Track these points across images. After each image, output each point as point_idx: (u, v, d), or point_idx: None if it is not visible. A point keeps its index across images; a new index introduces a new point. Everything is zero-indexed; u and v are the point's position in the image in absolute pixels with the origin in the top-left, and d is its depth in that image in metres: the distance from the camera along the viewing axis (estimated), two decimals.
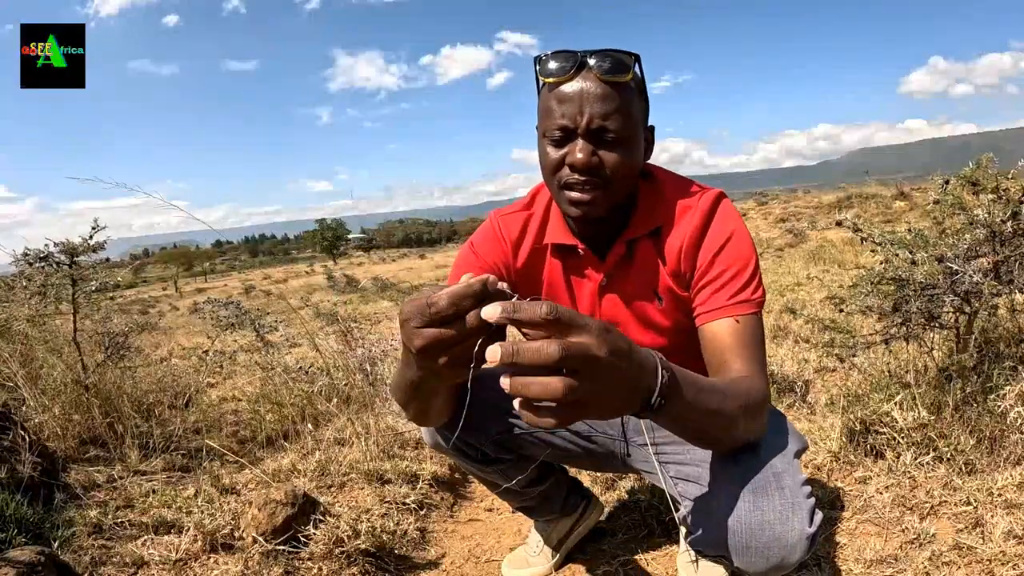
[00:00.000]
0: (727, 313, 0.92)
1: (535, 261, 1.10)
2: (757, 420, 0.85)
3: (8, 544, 1.21)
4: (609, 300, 1.06)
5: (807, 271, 5.48)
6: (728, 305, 0.93)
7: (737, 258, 0.96)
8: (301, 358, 3.09)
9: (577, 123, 0.90)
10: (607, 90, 0.90)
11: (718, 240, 0.97)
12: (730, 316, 0.92)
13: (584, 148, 0.90)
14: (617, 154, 0.92)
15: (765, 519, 0.81)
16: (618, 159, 0.92)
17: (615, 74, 0.89)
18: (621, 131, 0.91)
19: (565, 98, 0.91)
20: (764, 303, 0.96)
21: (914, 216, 8.32)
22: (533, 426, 0.60)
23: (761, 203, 14.34)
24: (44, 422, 1.93)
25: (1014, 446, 1.47)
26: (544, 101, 0.95)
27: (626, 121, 0.91)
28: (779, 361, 2.61)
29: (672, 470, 1.04)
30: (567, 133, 0.92)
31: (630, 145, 0.93)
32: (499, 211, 1.14)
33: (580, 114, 0.90)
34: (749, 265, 0.96)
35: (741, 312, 0.92)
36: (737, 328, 0.91)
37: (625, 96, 0.91)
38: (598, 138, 0.91)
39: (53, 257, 2.19)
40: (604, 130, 0.90)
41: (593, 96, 0.89)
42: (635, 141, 0.94)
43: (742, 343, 0.89)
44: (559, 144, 0.93)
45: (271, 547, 1.34)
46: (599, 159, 0.91)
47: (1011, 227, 1.65)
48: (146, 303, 12.99)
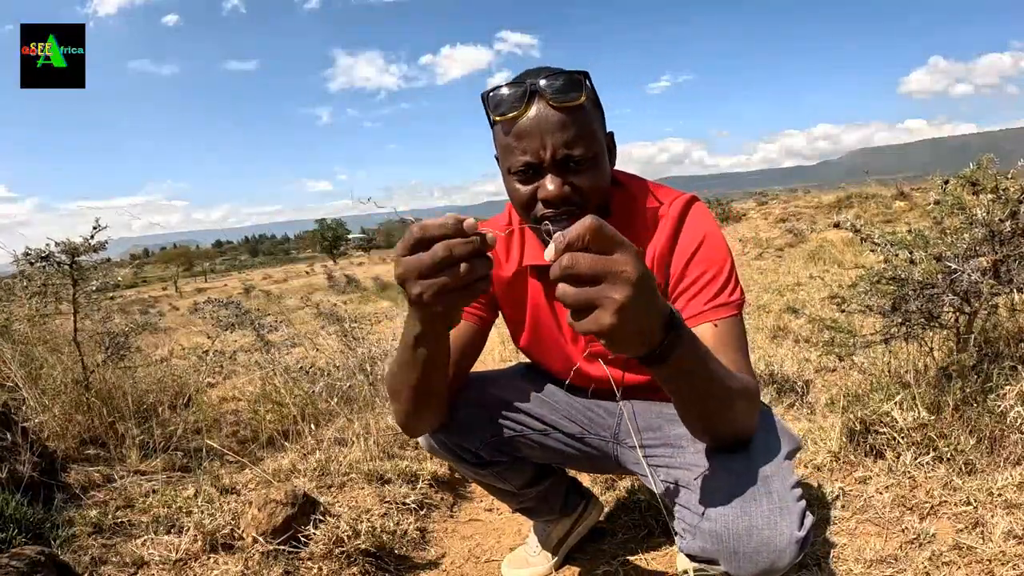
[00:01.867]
0: (706, 319, 0.92)
1: (518, 281, 1.10)
2: (752, 408, 0.85)
3: (8, 544, 1.21)
4: None
5: (807, 271, 5.48)
6: (706, 311, 0.92)
7: (711, 262, 0.95)
8: (301, 358, 3.09)
9: (542, 157, 0.88)
10: (564, 117, 0.87)
11: (690, 246, 0.96)
12: (708, 321, 0.91)
13: (554, 180, 0.88)
14: (587, 177, 0.90)
15: (753, 524, 0.81)
16: (589, 182, 0.90)
17: (568, 98, 0.86)
18: (586, 154, 0.89)
19: (524, 133, 0.88)
20: (743, 303, 0.95)
21: (914, 216, 8.32)
22: (577, 330, 0.62)
23: (761, 203, 14.33)
24: (44, 422, 1.94)
25: (1014, 446, 1.47)
26: (501, 138, 0.92)
27: (590, 142, 0.89)
28: (779, 361, 2.61)
29: (662, 473, 1.03)
30: (533, 168, 0.89)
31: (597, 164, 0.92)
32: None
33: (543, 148, 0.87)
34: (724, 268, 0.95)
35: (719, 316, 0.92)
36: (717, 332, 0.90)
37: (583, 117, 0.89)
38: (565, 167, 0.89)
39: (54, 257, 2.19)
40: (569, 158, 0.88)
41: (552, 126, 0.87)
42: (601, 158, 0.93)
43: (724, 346, 0.89)
44: (527, 180, 0.91)
45: (271, 547, 1.34)
46: (570, 187, 0.89)
47: (1010, 227, 1.65)
48: (146, 303, 12.98)
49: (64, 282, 2.22)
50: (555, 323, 1.10)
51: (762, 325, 3.46)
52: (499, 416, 1.14)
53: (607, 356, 1.07)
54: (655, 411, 1.11)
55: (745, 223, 11.80)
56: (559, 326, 1.10)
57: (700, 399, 0.78)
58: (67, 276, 2.21)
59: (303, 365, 2.75)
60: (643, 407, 1.13)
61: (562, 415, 1.16)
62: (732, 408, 0.81)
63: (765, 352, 2.81)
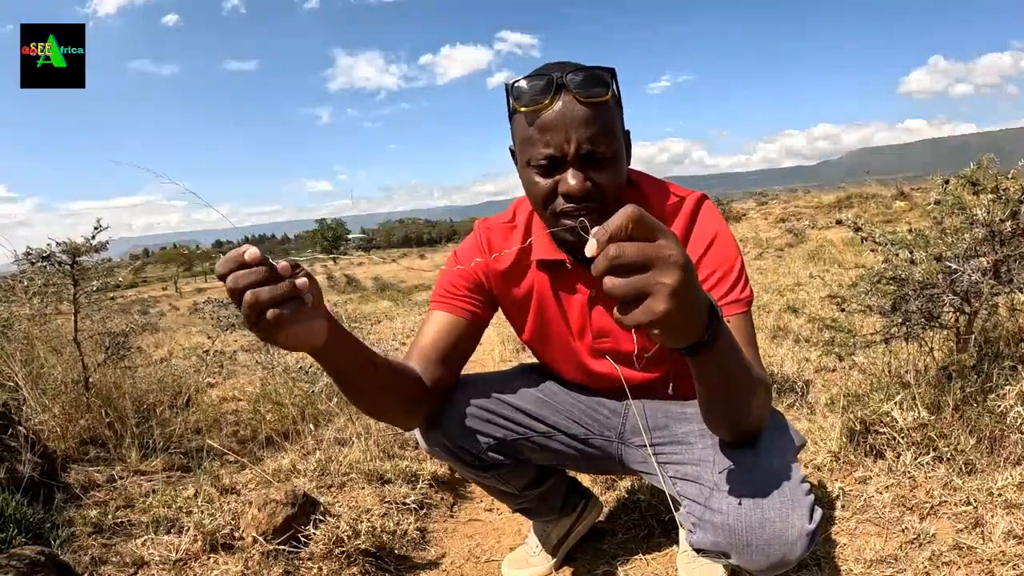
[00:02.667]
0: None
1: (514, 274, 1.10)
2: (768, 400, 0.86)
3: (8, 544, 1.21)
4: (599, 311, 1.06)
5: (807, 271, 5.48)
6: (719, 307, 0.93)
7: (722, 260, 0.96)
8: (301, 358, 3.09)
9: (565, 151, 0.87)
10: (590, 112, 0.87)
11: (702, 244, 0.97)
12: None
13: (576, 175, 0.88)
14: (608, 174, 0.90)
15: (765, 516, 0.82)
16: (610, 178, 0.90)
17: (596, 93, 0.87)
18: (609, 150, 0.89)
19: (548, 126, 0.87)
20: (752, 300, 0.96)
21: (914, 216, 8.32)
22: (623, 324, 0.60)
23: (761, 203, 14.33)
24: (44, 422, 1.94)
25: (1014, 446, 1.47)
26: (523, 130, 0.91)
27: (612, 139, 0.90)
28: (779, 361, 2.61)
29: (671, 470, 1.04)
30: (555, 162, 0.89)
31: (617, 161, 0.92)
32: (484, 222, 1.14)
33: (567, 141, 0.87)
34: (735, 266, 0.96)
35: (732, 312, 0.93)
36: (730, 328, 0.91)
37: (608, 114, 0.89)
38: (587, 162, 0.89)
39: (55, 257, 2.19)
40: (593, 153, 0.88)
41: (578, 120, 0.86)
42: (621, 155, 0.93)
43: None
44: (547, 173, 0.91)
45: (271, 547, 1.34)
46: (592, 183, 0.89)
47: (1010, 227, 1.65)
48: (146, 303, 12.97)
49: (65, 282, 2.22)
50: (561, 317, 1.10)
51: (762, 325, 3.46)
52: (500, 418, 1.13)
53: (616, 353, 1.07)
54: (661, 410, 1.12)
55: (745, 223, 11.80)
56: (566, 321, 1.10)
57: (732, 389, 0.78)
58: (68, 276, 2.21)
59: (303, 365, 2.75)
60: (650, 405, 1.13)
61: (565, 416, 1.16)
62: (755, 397, 0.82)
63: (765, 352, 2.81)
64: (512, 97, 0.91)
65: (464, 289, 1.08)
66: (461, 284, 1.09)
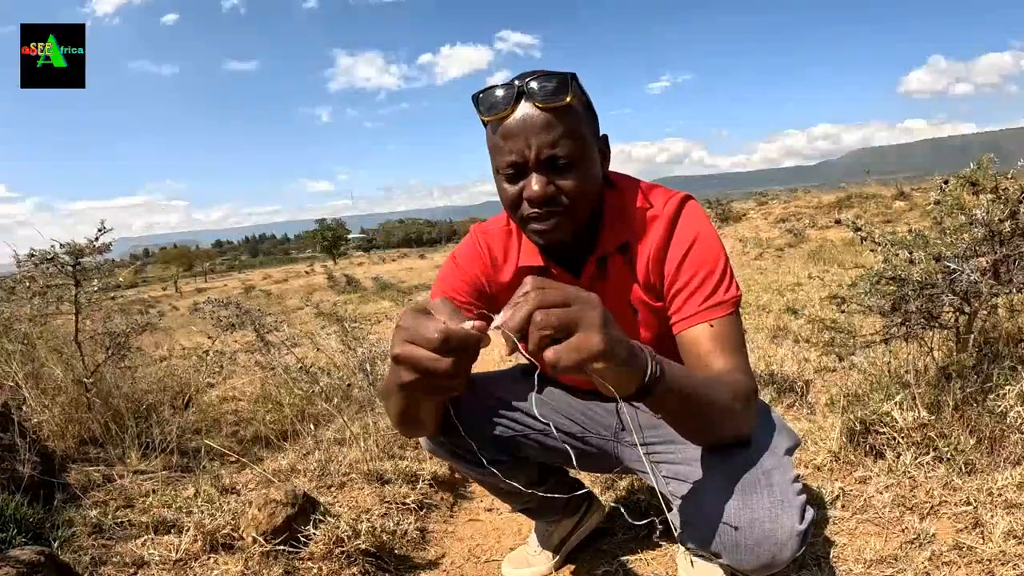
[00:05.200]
0: (701, 319, 0.92)
1: (516, 283, 1.10)
2: (748, 410, 0.86)
3: (8, 544, 1.21)
4: None
5: (807, 271, 5.48)
6: (701, 311, 0.92)
7: (703, 262, 0.95)
8: (302, 358, 3.09)
9: (526, 156, 0.89)
10: (550, 117, 0.88)
11: (682, 247, 0.96)
12: (704, 321, 0.92)
13: (538, 180, 0.89)
14: (572, 178, 0.90)
15: (755, 517, 0.82)
16: (574, 183, 0.91)
17: (555, 99, 0.87)
18: (572, 155, 0.89)
19: (510, 133, 0.89)
20: (739, 300, 0.95)
21: (914, 216, 8.32)
22: (557, 370, 0.62)
23: (761, 203, 14.34)
24: (44, 422, 1.94)
25: (1014, 446, 1.47)
26: (490, 138, 0.94)
27: (575, 143, 0.90)
28: (779, 361, 2.61)
29: (664, 469, 1.05)
30: (519, 168, 0.90)
31: (584, 165, 0.92)
32: (481, 226, 1.14)
33: (528, 147, 0.88)
34: (717, 267, 0.95)
35: (715, 316, 0.92)
36: (713, 332, 0.91)
37: (569, 118, 0.89)
38: (550, 166, 0.90)
39: (58, 259, 2.19)
40: (555, 158, 0.89)
41: (537, 125, 0.87)
42: (589, 160, 0.93)
43: (720, 345, 0.90)
44: (513, 179, 0.92)
45: (271, 547, 1.34)
46: (555, 187, 0.90)
47: (1010, 227, 1.65)
48: (146, 303, 12.95)
49: (66, 282, 2.22)
50: None
51: (762, 325, 3.46)
52: (499, 416, 1.14)
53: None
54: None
55: (745, 223, 11.80)
56: None
57: (693, 416, 0.82)
58: (70, 277, 2.21)
59: (303, 365, 2.75)
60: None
61: (562, 414, 1.17)
62: (725, 414, 0.83)
63: (765, 352, 2.81)
64: (477, 107, 0.93)
65: (466, 295, 1.08)
66: (463, 290, 1.09)
